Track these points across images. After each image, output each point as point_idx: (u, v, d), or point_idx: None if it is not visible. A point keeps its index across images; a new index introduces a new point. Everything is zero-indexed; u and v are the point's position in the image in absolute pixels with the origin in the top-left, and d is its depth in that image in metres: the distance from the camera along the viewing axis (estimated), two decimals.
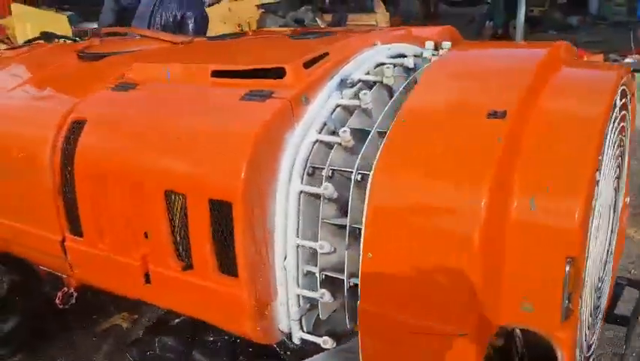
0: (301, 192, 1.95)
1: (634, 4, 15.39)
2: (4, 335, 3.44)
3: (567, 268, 1.57)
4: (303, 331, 2.08)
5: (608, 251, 2.22)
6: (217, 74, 2.24)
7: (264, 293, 1.99)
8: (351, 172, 1.90)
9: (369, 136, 1.94)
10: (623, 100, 1.99)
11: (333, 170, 1.96)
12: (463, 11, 17.07)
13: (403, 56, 2.42)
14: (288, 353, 2.26)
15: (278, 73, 2.11)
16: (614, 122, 1.85)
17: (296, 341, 2.10)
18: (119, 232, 2.23)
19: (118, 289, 2.41)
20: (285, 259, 2.00)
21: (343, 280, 1.95)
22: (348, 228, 1.89)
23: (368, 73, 2.23)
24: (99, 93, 2.45)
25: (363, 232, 1.76)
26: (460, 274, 1.61)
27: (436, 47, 2.38)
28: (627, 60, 8.26)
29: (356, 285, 1.91)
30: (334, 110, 2.09)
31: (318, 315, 2.09)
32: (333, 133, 2.05)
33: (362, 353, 1.84)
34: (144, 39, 3.23)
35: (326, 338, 2.00)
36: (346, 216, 1.97)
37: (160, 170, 2.03)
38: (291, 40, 2.61)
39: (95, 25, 6.61)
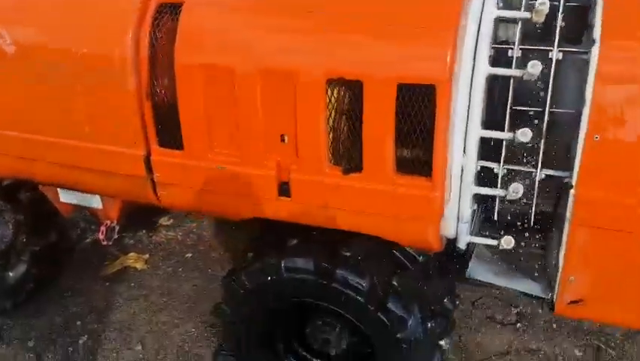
0: (488, 75, 1.71)
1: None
2: (10, 286, 2.89)
3: None
4: (472, 234, 1.89)
5: None
6: None
7: (446, 194, 1.76)
8: (549, 50, 1.70)
9: (561, 8, 1.73)
10: None
11: (523, 49, 1.73)
12: None
13: None
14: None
15: None
16: None
17: (462, 245, 1.91)
18: (242, 138, 1.86)
19: (232, 208, 2.03)
20: (464, 152, 1.77)
21: (531, 172, 1.77)
22: (547, 113, 1.70)
23: None
24: None
25: (587, 113, 1.58)
26: None
27: None
28: None
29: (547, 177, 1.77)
30: None
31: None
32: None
33: (568, 244, 1.70)
34: None
35: (508, 237, 1.83)
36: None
37: (322, 55, 1.68)
38: None
39: None
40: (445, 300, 2.18)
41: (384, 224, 1.83)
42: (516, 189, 1.76)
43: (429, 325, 2.00)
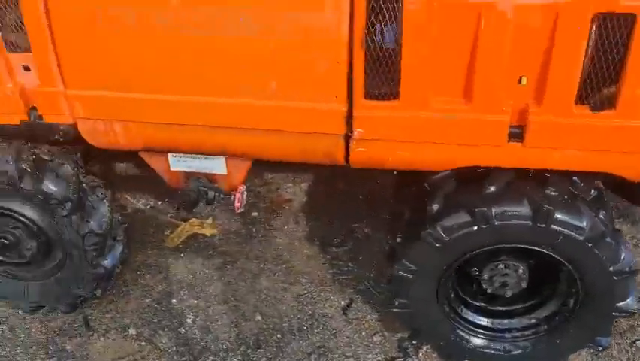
0: None
1: None
2: (106, 270, 2.54)
3: None
4: None
5: None
6: None
7: None
8: None
9: None
10: None
11: None
12: None
13: None
14: None
15: None
16: None
17: None
18: (477, 82, 1.72)
19: (442, 159, 1.89)
20: None
21: None
22: None
23: None
24: None
25: None
26: None
27: None
28: None
29: None
30: None
31: None
32: None
33: None
34: None
35: None
36: None
37: None
38: None
39: None
40: None
41: (626, 161, 1.82)
42: None
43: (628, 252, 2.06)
